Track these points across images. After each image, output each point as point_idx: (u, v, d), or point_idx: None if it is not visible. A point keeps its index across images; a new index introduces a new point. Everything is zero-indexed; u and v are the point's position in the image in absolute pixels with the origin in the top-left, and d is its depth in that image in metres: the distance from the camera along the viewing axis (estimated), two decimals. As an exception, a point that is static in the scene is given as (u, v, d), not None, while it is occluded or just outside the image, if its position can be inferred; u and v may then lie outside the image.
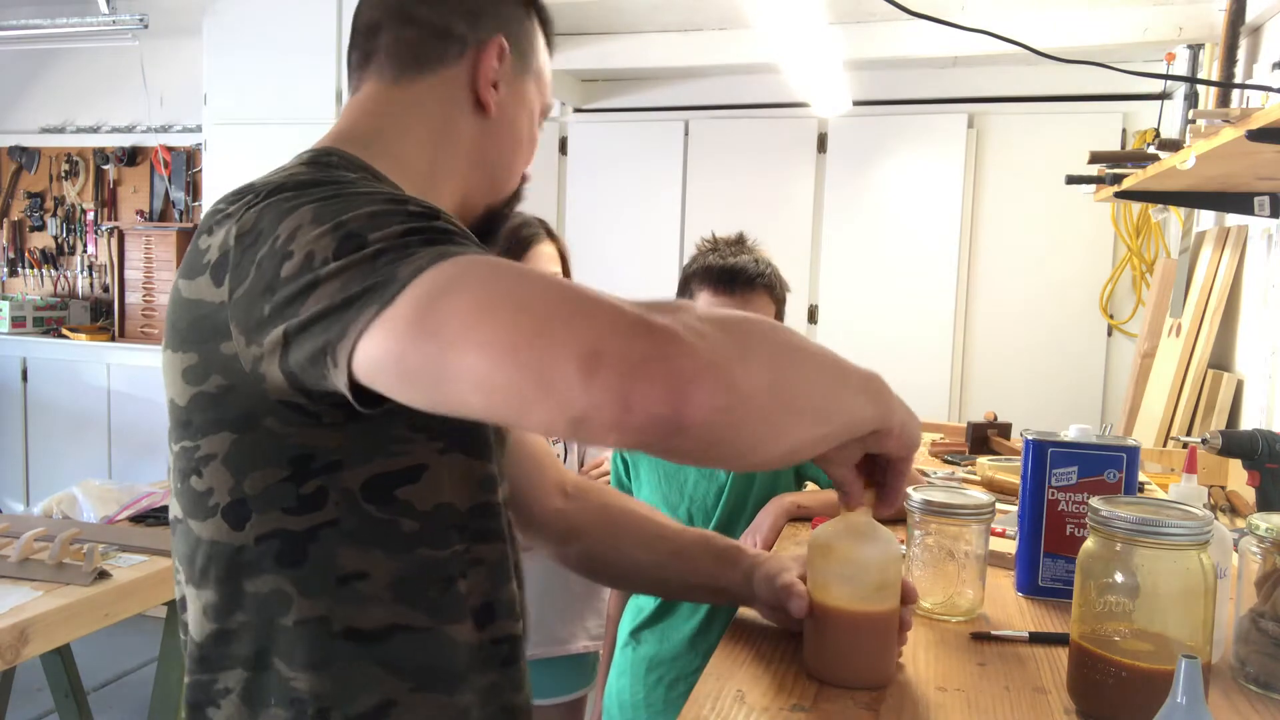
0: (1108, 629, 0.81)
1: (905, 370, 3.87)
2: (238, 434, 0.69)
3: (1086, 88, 3.59)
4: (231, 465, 0.70)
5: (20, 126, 4.72)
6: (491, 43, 0.85)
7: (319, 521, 0.70)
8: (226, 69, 3.72)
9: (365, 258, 0.59)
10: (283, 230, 0.64)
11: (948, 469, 1.96)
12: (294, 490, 0.69)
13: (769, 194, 4.06)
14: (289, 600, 0.71)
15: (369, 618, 0.72)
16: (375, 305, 0.57)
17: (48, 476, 4.27)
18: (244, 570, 0.71)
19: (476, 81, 0.85)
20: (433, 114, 0.85)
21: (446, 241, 0.60)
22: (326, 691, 0.71)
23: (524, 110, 0.89)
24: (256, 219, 0.67)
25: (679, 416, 0.50)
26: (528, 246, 1.73)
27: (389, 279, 0.57)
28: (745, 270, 1.51)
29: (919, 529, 1.08)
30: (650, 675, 1.54)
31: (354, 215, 0.62)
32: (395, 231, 0.60)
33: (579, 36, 3.69)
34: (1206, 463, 1.93)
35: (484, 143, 0.87)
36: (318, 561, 0.70)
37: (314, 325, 0.60)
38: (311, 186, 0.68)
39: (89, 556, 1.65)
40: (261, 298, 0.64)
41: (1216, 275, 2.63)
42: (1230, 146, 1.56)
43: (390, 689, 0.73)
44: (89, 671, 1.98)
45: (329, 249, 0.61)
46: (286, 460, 0.69)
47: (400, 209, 0.64)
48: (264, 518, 0.70)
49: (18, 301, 4.40)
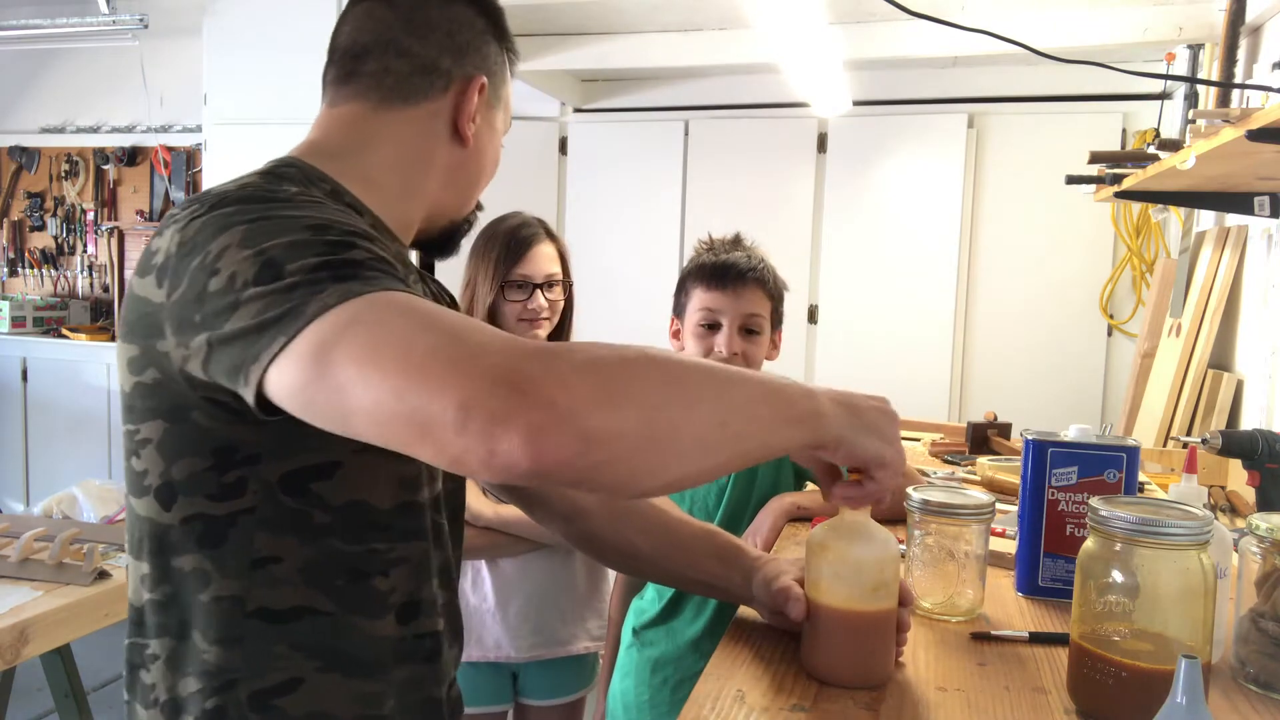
0: (1108, 629, 0.81)
1: (905, 370, 3.87)
2: (169, 423, 0.75)
3: (1086, 88, 3.59)
4: (163, 451, 0.76)
5: (20, 126, 4.72)
6: (475, 80, 0.91)
7: (238, 508, 0.75)
8: (226, 69, 3.72)
9: (280, 289, 0.65)
10: (214, 247, 0.69)
11: (948, 469, 1.96)
12: (216, 479, 0.75)
13: (769, 194, 4.06)
14: (208, 578, 0.77)
15: (279, 598, 0.77)
16: (283, 337, 0.63)
17: (48, 476, 4.27)
18: (171, 548, 0.77)
19: (458, 116, 0.91)
20: (410, 141, 0.90)
21: (353, 277, 0.65)
22: (236, 665, 0.77)
23: (494, 138, 0.96)
24: (196, 231, 0.72)
25: (535, 464, 0.56)
26: (527, 247, 1.73)
27: (297, 313, 0.63)
28: (736, 265, 1.52)
29: (919, 529, 1.08)
30: (655, 676, 1.54)
31: (275, 243, 0.67)
32: (309, 265, 0.65)
33: (579, 36, 3.69)
34: (1206, 463, 1.93)
35: (458, 169, 0.93)
36: (235, 544, 0.76)
37: (232, 343, 0.66)
38: (251, 203, 0.73)
39: (89, 556, 1.65)
40: (191, 306, 0.69)
41: (1216, 275, 2.63)
42: (1230, 146, 1.56)
43: (297, 667, 0.78)
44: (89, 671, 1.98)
45: (249, 273, 0.66)
46: (210, 451, 0.74)
47: (319, 239, 0.68)
48: (189, 501, 0.76)
49: (18, 301, 4.40)
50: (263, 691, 0.77)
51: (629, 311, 3.51)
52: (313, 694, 0.78)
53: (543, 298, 1.73)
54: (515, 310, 1.74)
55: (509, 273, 1.71)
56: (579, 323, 1.96)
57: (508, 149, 1.01)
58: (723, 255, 1.54)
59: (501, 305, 1.74)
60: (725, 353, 1.49)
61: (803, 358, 4.03)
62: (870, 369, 3.90)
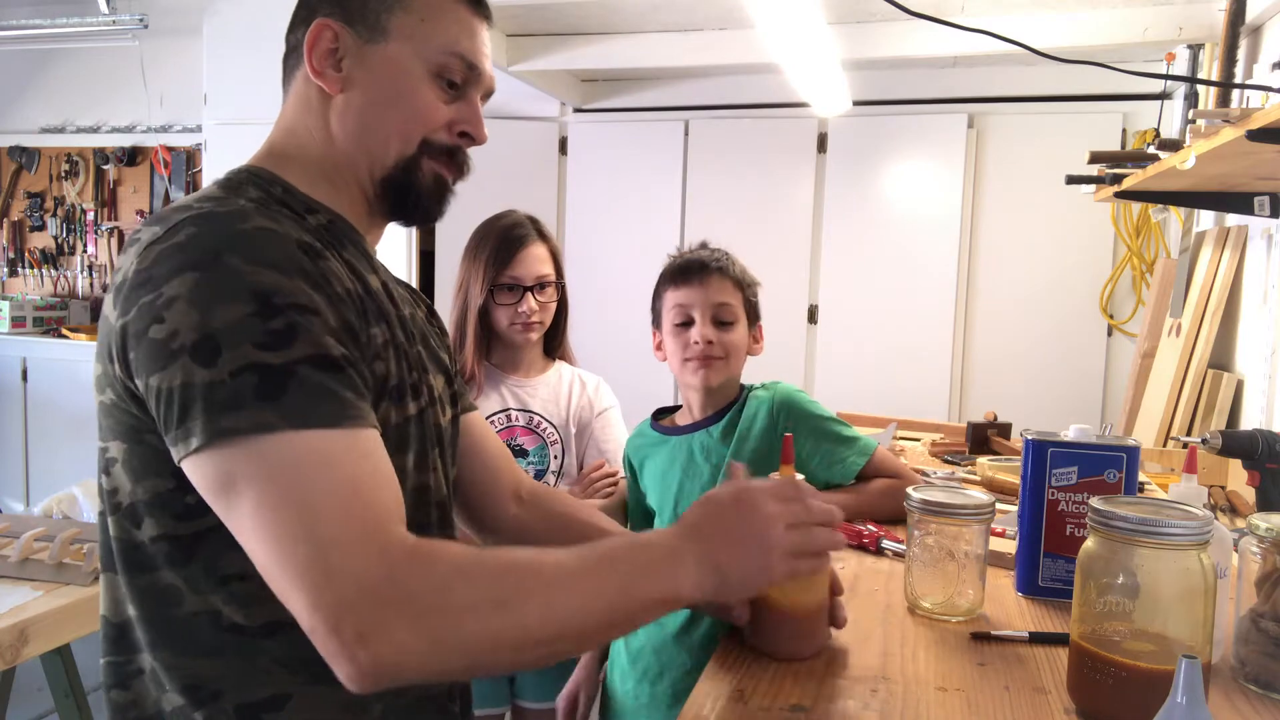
0: (1108, 629, 0.81)
1: (905, 370, 3.87)
2: (128, 444, 0.77)
3: (1086, 88, 3.59)
4: (128, 470, 0.77)
5: (20, 126, 4.72)
6: (315, 26, 0.88)
7: (204, 527, 0.75)
8: (226, 69, 3.72)
9: (208, 381, 0.69)
10: (167, 291, 0.71)
11: (948, 469, 1.96)
12: (181, 499, 0.75)
13: (769, 194, 4.06)
14: (181, 595, 0.77)
15: (251, 615, 0.77)
16: (192, 439, 0.69)
17: (48, 476, 4.27)
18: (143, 565, 0.78)
19: (310, 68, 0.88)
20: (303, 116, 0.90)
21: (272, 398, 0.68)
22: (219, 676, 0.77)
23: (383, 74, 0.88)
24: (153, 262, 0.73)
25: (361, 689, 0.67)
26: (518, 248, 1.73)
27: (212, 424, 0.68)
28: (698, 259, 1.53)
29: (919, 529, 1.08)
30: (635, 667, 1.53)
31: (219, 316, 0.69)
32: (241, 362, 0.69)
33: (579, 36, 3.69)
34: (1206, 463, 1.93)
35: (346, 121, 0.88)
36: (203, 562, 0.76)
37: (162, 401, 0.70)
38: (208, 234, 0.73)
39: (89, 556, 1.65)
40: (133, 340, 0.72)
41: (1216, 275, 2.63)
42: (1230, 146, 1.56)
43: (284, 682, 0.78)
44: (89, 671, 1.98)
45: (188, 338, 0.69)
46: (171, 473, 0.74)
47: (259, 324, 0.70)
48: (156, 521, 0.76)
49: (18, 301, 4.40)
50: (250, 705, 0.77)
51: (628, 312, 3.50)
52: (302, 708, 0.78)
53: (533, 300, 1.73)
54: (506, 314, 1.74)
55: (499, 275, 1.71)
56: (578, 323, 1.96)
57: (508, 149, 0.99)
58: (686, 255, 1.56)
59: (493, 308, 1.74)
60: (701, 343, 1.50)
61: (803, 358, 4.03)
62: (870, 369, 3.90)
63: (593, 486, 1.74)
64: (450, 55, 0.89)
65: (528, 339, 1.78)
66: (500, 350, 1.81)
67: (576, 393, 1.84)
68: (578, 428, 1.82)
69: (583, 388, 1.85)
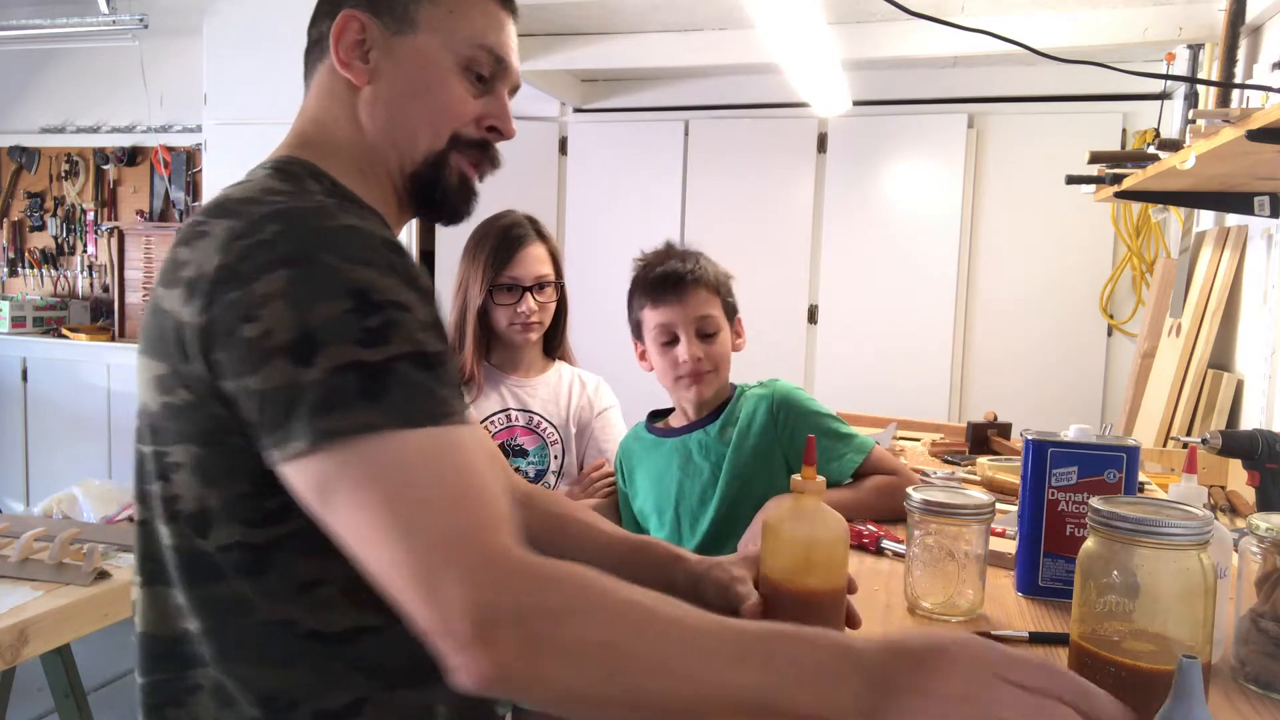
0: (1108, 629, 0.81)
1: (905, 370, 3.87)
2: (203, 448, 0.72)
3: (1086, 88, 3.59)
4: (198, 476, 0.73)
5: (20, 126, 4.72)
6: (342, 17, 0.86)
7: (281, 534, 0.73)
8: (226, 69, 3.72)
9: (309, 382, 0.65)
10: (259, 289, 0.68)
11: (948, 469, 1.96)
12: (259, 504, 0.72)
13: (769, 194, 4.06)
14: (253, 605, 0.74)
15: (331, 621, 0.74)
16: (294, 442, 0.65)
17: (48, 476, 4.27)
18: (208, 574, 0.74)
19: (336, 59, 0.86)
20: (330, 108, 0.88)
21: (376, 397, 0.65)
22: (295, 686, 0.74)
23: (412, 66, 0.87)
24: (238, 258, 0.69)
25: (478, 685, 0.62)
26: (517, 248, 1.73)
27: (310, 424, 0.65)
28: (674, 273, 1.52)
29: (919, 529, 1.08)
30: None
31: (317, 312, 0.67)
32: (340, 361, 0.66)
33: (579, 36, 3.69)
34: (1206, 463, 1.92)
35: (375, 113, 0.87)
36: (279, 570, 0.73)
37: (258, 403, 0.67)
38: (294, 229, 0.71)
39: (89, 556, 1.65)
40: (222, 339, 0.69)
41: (1216, 275, 2.63)
42: (1230, 146, 1.56)
43: (360, 688, 0.75)
44: (89, 671, 1.98)
45: (285, 337, 0.66)
46: (251, 476, 0.71)
47: (357, 321, 0.67)
48: (227, 529, 0.73)
49: (18, 301, 4.40)
50: (327, 713, 0.75)
51: (629, 311, 3.51)
52: (376, 714, 0.76)
53: (532, 300, 1.73)
54: (505, 314, 1.74)
55: (498, 275, 1.71)
56: (578, 323, 1.96)
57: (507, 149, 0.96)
58: (658, 269, 1.54)
59: (492, 308, 1.74)
60: (690, 361, 1.50)
61: (802, 358, 4.03)
62: (870, 369, 3.90)
63: (592, 486, 1.74)
64: (478, 48, 0.88)
65: (527, 339, 1.78)
66: (500, 350, 1.81)
67: (576, 393, 1.84)
68: (578, 428, 1.82)
69: (582, 388, 1.85)
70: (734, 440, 1.52)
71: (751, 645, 0.64)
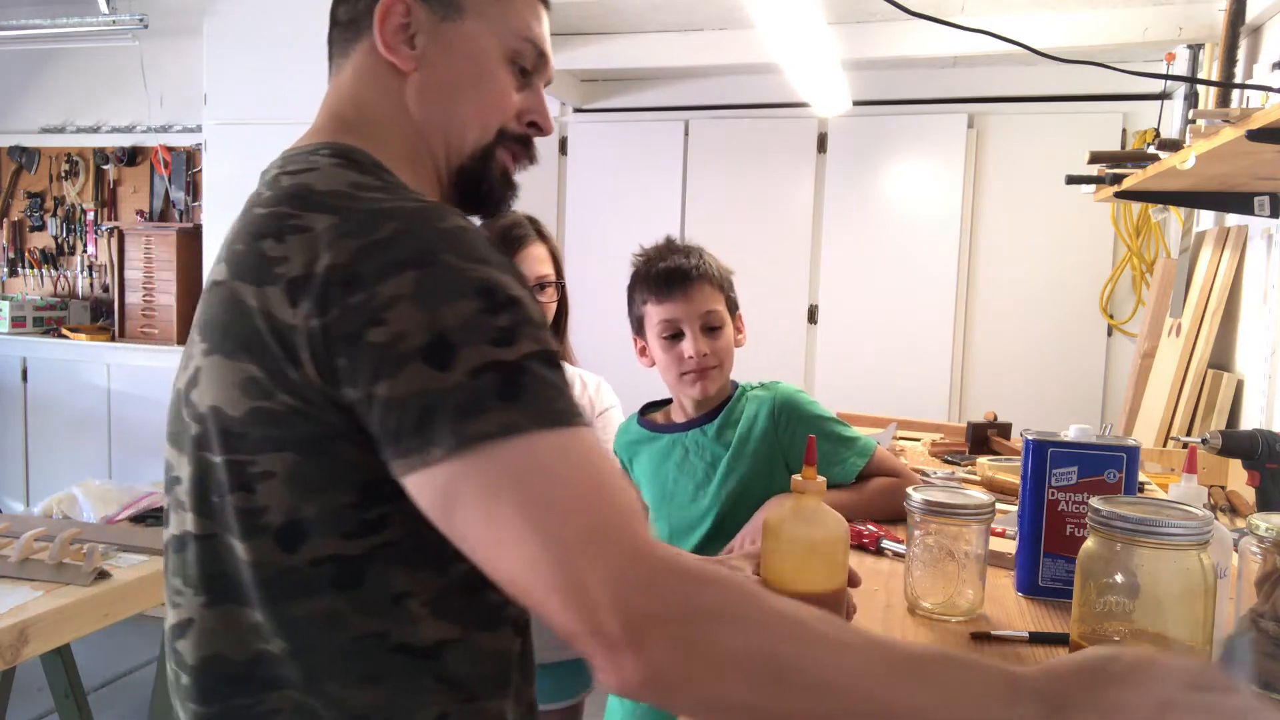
0: (1108, 629, 0.81)
1: (905, 370, 3.87)
2: (302, 455, 0.69)
3: (1086, 88, 3.59)
4: (294, 485, 0.69)
5: (20, 126, 4.72)
6: (380, 4, 0.82)
7: (376, 544, 0.70)
8: (226, 69, 3.72)
9: (443, 389, 0.63)
10: (384, 291, 0.65)
11: (948, 469, 1.96)
12: (357, 515, 0.69)
13: (769, 194, 4.06)
14: (343, 620, 0.71)
15: (419, 635, 0.72)
16: (434, 448, 0.62)
17: (48, 476, 4.27)
18: (296, 590, 0.70)
19: (382, 43, 0.82)
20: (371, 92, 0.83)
21: (514, 398, 0.63)
22: (383, 704, 0.72)
23: (462, 54, 0.83)
24: (355, 259, 0.66)
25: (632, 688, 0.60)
26: (517, 248, 1.72)
27: (453, 430, 0.62)
28: (679, 268, 1.51)
29: (919, 529, 1.08)
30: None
31: (449, 313, 0.64)
32: (478, 362, 0.63)
33: (579, 36, 3.69)
34: (1206, 463, 1.93)
35: (427, 102, 0.83)
36: (372, 583, 0.71)
37: (388, 408, 0.64)
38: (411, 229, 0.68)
39: (89, 556, 1.65)
40: (341, 343, 0.65)
41: (1216, 275, 2.63)
42: (1230, 146, 1.56)
43: (445, 701, 0.74)
44: (89, 671, 1.98)
45: (418, 340, 0.63)
46: (355, 485, 0.69)
47: (489, 318, 0.65)
48: (321, 541, 0.70)
49: (18, 301, 4.40)
50: None
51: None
52: None
53: None
54: None
55: None
56: (578, 323, 1.96)
57: None
58: (660, 264, 1.53)
59: None
60: (695, 357, 1.50)
61: (802, 358, 4.03)
62: (870, 369, 3.90)
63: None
64: (524, 40, 0.85)
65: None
66: (500, 350, 1.81)
67: (577, 393, 1.84)
68: (578, 428, 1.82)
69: (584, 388, 1.85)
70: (734, 444, 1.51)
71: (915, 664, 0.62)
